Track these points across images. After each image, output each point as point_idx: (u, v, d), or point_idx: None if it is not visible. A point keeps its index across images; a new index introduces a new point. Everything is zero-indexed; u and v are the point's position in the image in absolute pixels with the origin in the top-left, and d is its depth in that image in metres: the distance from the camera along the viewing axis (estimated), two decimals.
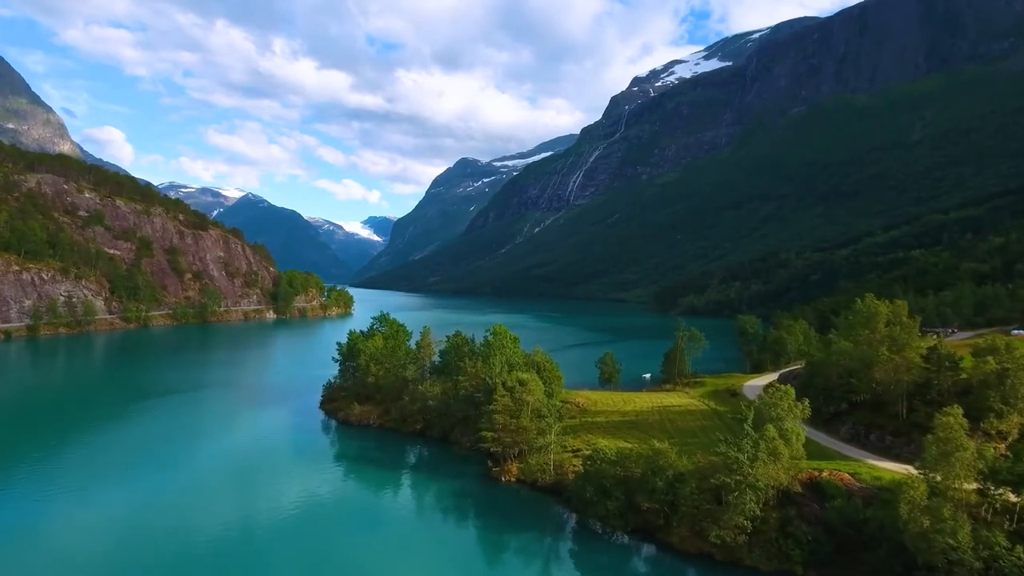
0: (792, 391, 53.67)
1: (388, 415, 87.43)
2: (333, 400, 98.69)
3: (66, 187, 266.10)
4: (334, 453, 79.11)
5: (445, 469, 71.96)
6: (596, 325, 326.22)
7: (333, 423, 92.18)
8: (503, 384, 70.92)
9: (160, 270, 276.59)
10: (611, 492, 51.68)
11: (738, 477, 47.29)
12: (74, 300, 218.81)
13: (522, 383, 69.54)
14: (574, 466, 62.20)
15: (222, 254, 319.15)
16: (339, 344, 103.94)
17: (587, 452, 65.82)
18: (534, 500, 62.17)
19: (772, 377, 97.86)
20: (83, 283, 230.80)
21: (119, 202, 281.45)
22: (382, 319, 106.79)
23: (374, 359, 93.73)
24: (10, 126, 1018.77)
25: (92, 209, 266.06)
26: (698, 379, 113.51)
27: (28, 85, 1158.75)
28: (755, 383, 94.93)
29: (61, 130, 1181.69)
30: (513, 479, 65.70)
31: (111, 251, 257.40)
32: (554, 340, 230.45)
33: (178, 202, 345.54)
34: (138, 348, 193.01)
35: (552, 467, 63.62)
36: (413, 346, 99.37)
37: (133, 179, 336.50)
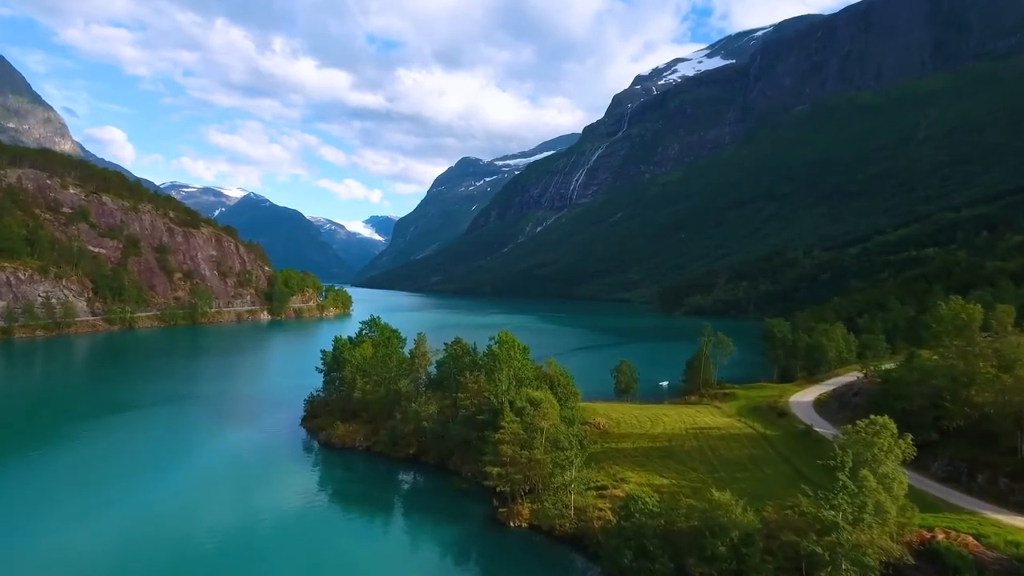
0: (892, 424, 41.72)
1: (376, 436, 75.09)
2: (315, 416, 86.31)
3: (49, 182, 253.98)
4: (311, 485, 66.33)
5: (442, 507, 59.68)
6: (601, 326, 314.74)
7: (315, 444, 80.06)
8: (510, 404, 59.02)
9: (148, 269, 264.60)
10: (655, 555, 39.77)
11: (832, 541, 35.44)
12: (53, 301, 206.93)
13: (534, 404, 57.43)
14: (600, 510, 50.20)
15: (214, 253, 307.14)
16: (323, 352, 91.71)
17: (615, 490, 53.96)
18: (551, 552, 49.95)
19: (820, 390, 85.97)
20: (63, 283, 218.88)
21: (106, 198, 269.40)
22: (372, 323, 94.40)
23: (361, 370, 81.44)
24: (11, 125, 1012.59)
25: (76, 205, 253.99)
26: (726, 390, 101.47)
27: (29, 84, 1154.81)
28: (800, 398, 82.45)
29: (62, 129, 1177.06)
30: (524, 523, 53.07)
31: (96, 249, 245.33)
32: (559, 343, 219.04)
33: (169, 199, 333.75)
34: (114, 352, 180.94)
35: (573, 511, 51.29)
36: (407, 354, 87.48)
37: (122, 175, 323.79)
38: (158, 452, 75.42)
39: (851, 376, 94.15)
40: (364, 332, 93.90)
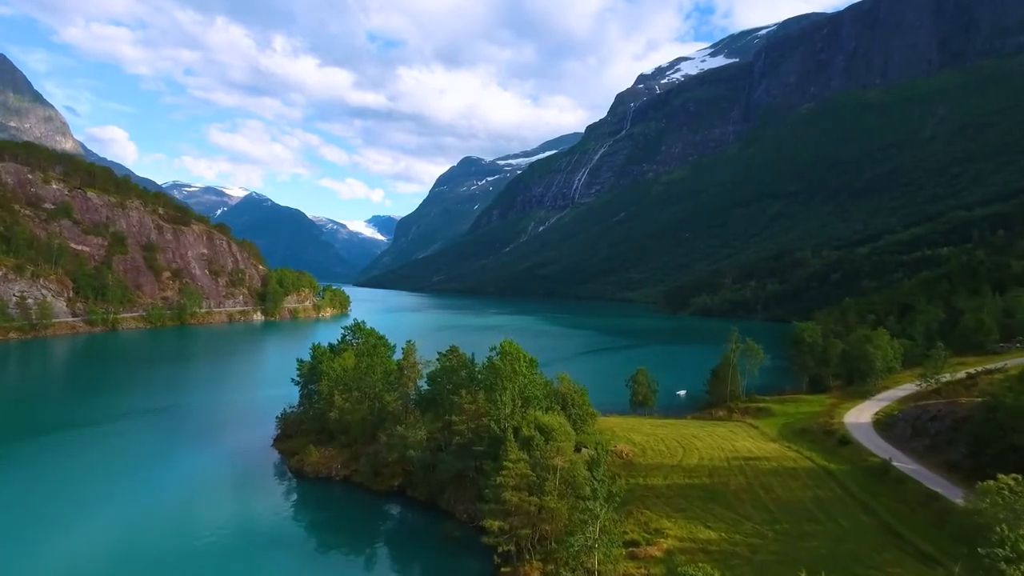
0: None
1: (356, 464, 63.15)
2: (288, 437, 74.37)
3: (30, 177, 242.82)
4: (274, 526, 53.77)
5: (430, 562, 47.85)
6: (606, 328, 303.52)
7: (286, 470, 68.23)
8: (515, 432, 47.56)
9: (135, 268, 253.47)
10: None
11: None
12: (29, 301, 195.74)
13: (545, 433, 45.88)
14: None
15: (205, 251, 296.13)
16: (299, 361, 79.87)
17: (649, 547, 42.31)
18: None
19: (873, 407, 73.94)
20: (41, 282, 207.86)
21: (90, 194, 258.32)
22: (356, 329, 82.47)
23: (339, 385, 69.60)
24: (12, 124, 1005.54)
25: (59, 201, 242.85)
26: (757, 403, 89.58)
27: (30, 83, 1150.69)
28: (855, 418, 70.08)
29: (63, 128, 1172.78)
30: None
31: (79, 247, 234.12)
32: (563, 346, 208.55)
33: (158, 195, 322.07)
34: (88, 357, 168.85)
35: None
36: (396, 363, 75.75)
37: (109, 170, 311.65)
38: (95, 483, 63.49)
39: (903, 389, 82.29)
40: (347, 339, 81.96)
